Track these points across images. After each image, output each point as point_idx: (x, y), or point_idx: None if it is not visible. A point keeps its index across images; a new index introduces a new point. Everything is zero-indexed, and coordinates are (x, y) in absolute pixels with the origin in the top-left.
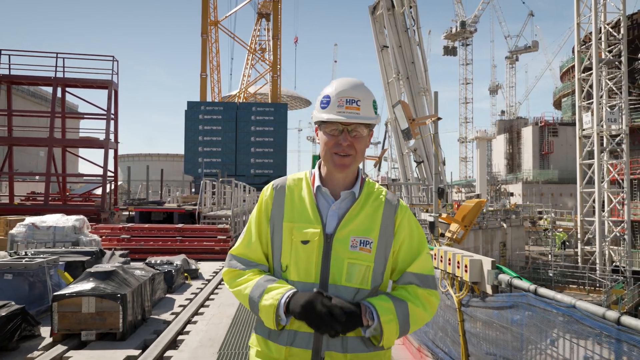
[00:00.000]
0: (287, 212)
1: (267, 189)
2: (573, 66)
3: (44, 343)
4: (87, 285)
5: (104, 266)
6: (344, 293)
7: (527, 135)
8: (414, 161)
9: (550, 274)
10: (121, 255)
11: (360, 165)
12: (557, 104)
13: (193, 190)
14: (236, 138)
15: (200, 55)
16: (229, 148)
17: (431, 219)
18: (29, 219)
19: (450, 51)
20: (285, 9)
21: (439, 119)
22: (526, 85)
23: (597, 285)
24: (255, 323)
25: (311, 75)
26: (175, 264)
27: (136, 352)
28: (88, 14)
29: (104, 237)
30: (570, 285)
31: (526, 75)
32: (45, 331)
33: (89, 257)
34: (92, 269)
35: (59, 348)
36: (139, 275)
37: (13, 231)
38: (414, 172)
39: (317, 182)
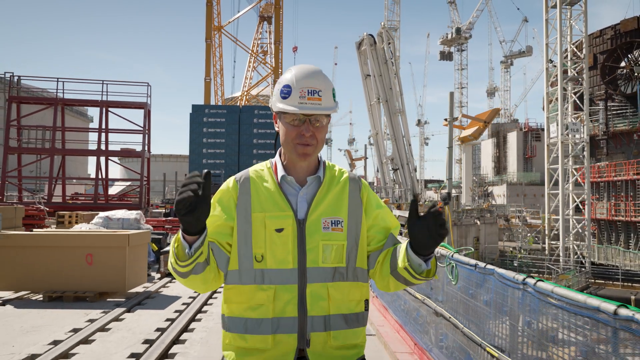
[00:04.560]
0: (254, 203)
1: (230, 182)
2: (565, 71)
3: (155, 278)
4: None
5: None
6: (323, 273)
7: (512, 139)
8: (391, 168)
9: (515, 264)
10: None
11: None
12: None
13: None
14: (239, 140)
15: (205, 59)
16: (232, 150)
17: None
18: (103, 213)
19: (446, 56)
20: (286, 8)
21: (366, 158)
22: (524, 87)
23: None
24: (227, 323)
25: None
26: None
27: None
28: (88, 13)
29: (153, 227)
30: (532, 274)
31: (524, 77)
32: (151, 274)
33: (162, 236)
34: None
35: (165, 280)
36: None
37: (93, 222)
38: (391, 177)
39: (281, 172)
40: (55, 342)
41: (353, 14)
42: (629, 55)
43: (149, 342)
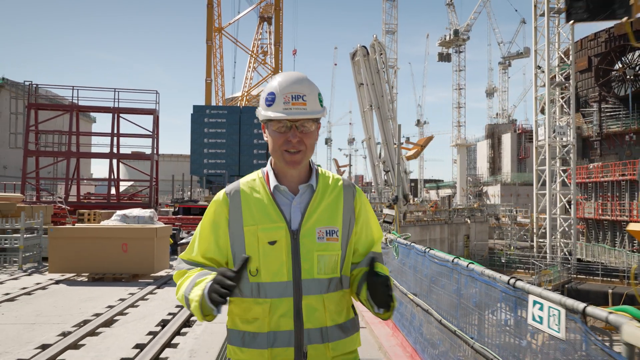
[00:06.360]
0: (246, 216)
1: (220, 195)
2: (553, 76)
3: (174, 265)
4: None
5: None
6: (318, 285)
7: (507, 141)
8: (383, 170)
9: (503, 261)
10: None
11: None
12: (543, 110)
13: (210, 191)
14: (239, 140)
15: (205, 60)
16: (233, 150)
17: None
18: (120, 212)
19: (444, 57)
20: (286, 9)
21: (351, 165)
22: (524, 87)
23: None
24: (229, 335)
25: (311, 75)
26: None
27: None
28: (88, 13)
29: (164, 223)
30: (518, 270)
31: (524, 78)
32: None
33: (176, 231)
34: (192, 232)
35: None
36: None
37: (112, 218)
38: (383, 178)
39: (274, 181)
40: (110, 307)
41: (353, 14)
42: (622, 58)
43: (180, 307)
